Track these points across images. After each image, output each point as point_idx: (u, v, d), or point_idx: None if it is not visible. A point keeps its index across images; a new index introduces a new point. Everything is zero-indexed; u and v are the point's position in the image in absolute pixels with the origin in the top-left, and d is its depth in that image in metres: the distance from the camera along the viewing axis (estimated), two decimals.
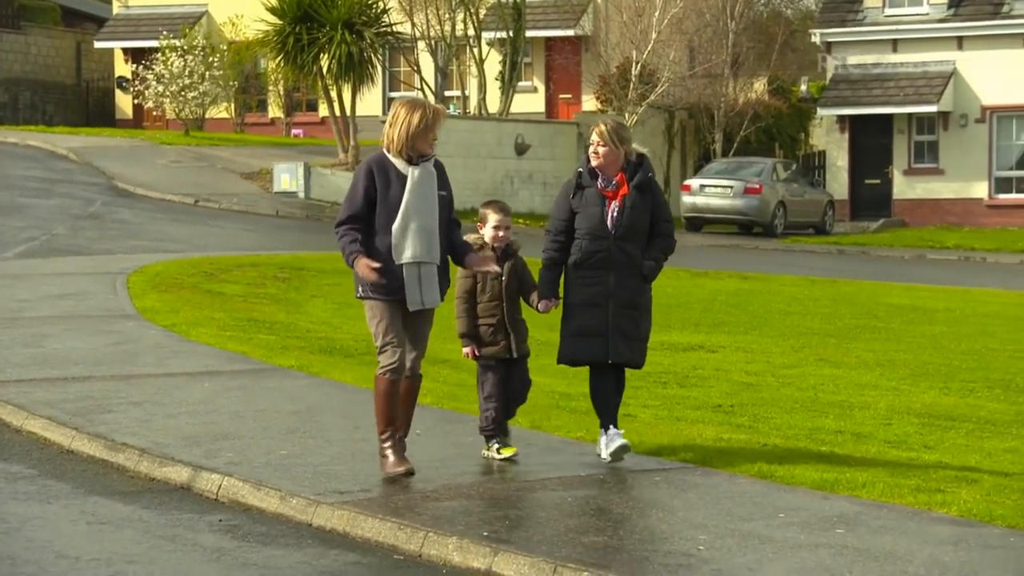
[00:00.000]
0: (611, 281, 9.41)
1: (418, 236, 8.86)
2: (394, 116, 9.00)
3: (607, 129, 9.50)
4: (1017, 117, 43.91)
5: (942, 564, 7.46)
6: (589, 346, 9.45)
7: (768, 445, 10.51)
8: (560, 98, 48.86)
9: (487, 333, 9.55)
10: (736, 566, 7.34)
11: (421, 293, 8.89)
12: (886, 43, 45.12)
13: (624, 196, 9.44)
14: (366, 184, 8.91)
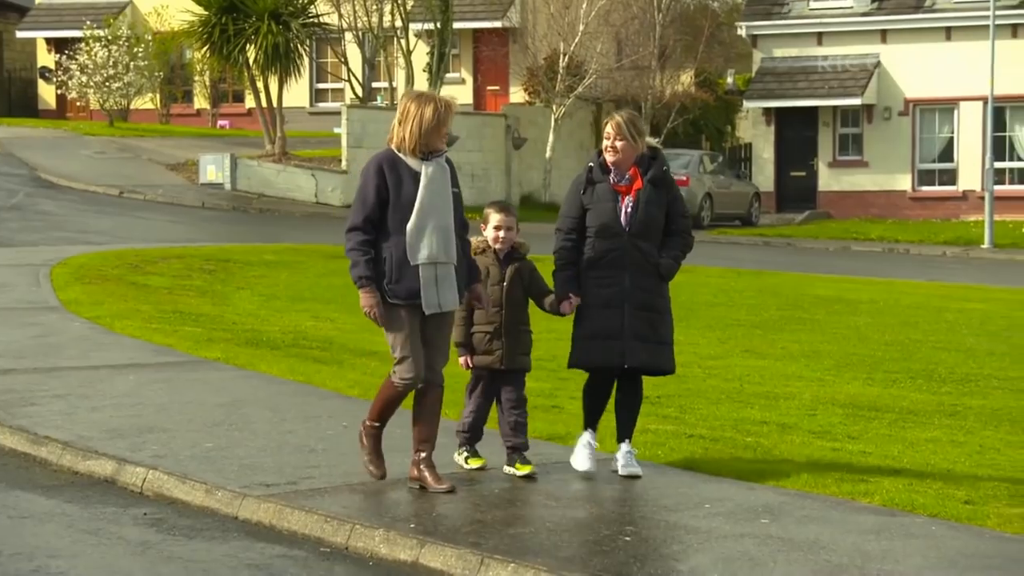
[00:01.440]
0: (626, 281, 8.89)
1: (434, 235, 8.36)
2: (404, 112, 8.48)
3: (624, 121, 8.98)
4: (940, 110, 44.35)
5: (865, 553, 7.53)
6: (603, 350, 8.90)
7: (694, 436, 10.56)
8: (488, 90, 48.86)
9: (481, 341, 8.94)
10: (662, 556, 7.37)
11: (438, 295, 8.40)
12: (811, 36, 45.43)
13: (638, 191, 8.93)
14: (378, 183, 8.41)
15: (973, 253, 37.10)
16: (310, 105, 49.72)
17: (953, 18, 43.80)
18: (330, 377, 12.38)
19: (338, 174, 37.85)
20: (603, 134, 9.10)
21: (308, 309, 17.35)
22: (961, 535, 7.97)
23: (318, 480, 8.68)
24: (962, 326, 20.03)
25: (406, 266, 8.34)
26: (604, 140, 9.05)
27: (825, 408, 12.59)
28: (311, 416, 10.68)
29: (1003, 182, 42.64)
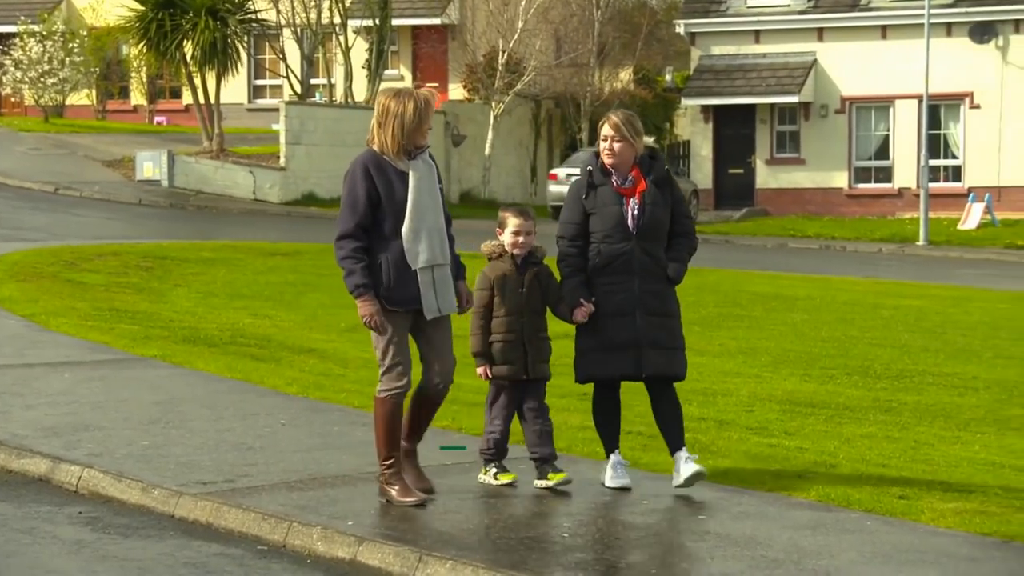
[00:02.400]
0: (636, 286, 8.57)
1: (430, 237, 8.08)
2: (383, 112, 8.12)
3: (621, 121, 8.64)
4: (875, 108, 44.68)
5: (801, 548, 7.57)
6: (619, 360, 8.55)
7: (632, 432, 10.58)
8: (427, 87, 48.75)
9: (501, 350, 8.55)
10: (599, 553, 7.39)
11: (437, 299, 8.10)
12: (749, 34, 45.66)
13: (643, 193, 8.61)
14: (367, 186, 8.04)
15: (908, 250, 37.41)
16: (248, 101, 49.49)
17: (889, 17, 44.14)
18: (268, 375, 12.34)
19: (276, 171, 37.71)
20: (600, 135, 8.77)
21: (246, 306, 17.28)
22: (895, 530, 8.04)
23: (256, 478, 8.64)
24: (897, 323, 20.20)
25: (404, 271, 8.05)
26: (601, 142, 8.73)
27: (762, 404, 12.66)
28: (249, 414, 10.64)
29: (938, 180, 43.02)
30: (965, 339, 18.70)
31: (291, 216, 35.49)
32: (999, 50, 43.44)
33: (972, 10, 43.44)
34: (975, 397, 13.94)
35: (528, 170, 46.90)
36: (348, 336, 15.20)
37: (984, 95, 43.46)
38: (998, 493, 9.14)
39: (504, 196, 44.64)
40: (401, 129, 8.08)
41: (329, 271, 21.72)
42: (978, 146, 43.41)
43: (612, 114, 8.79)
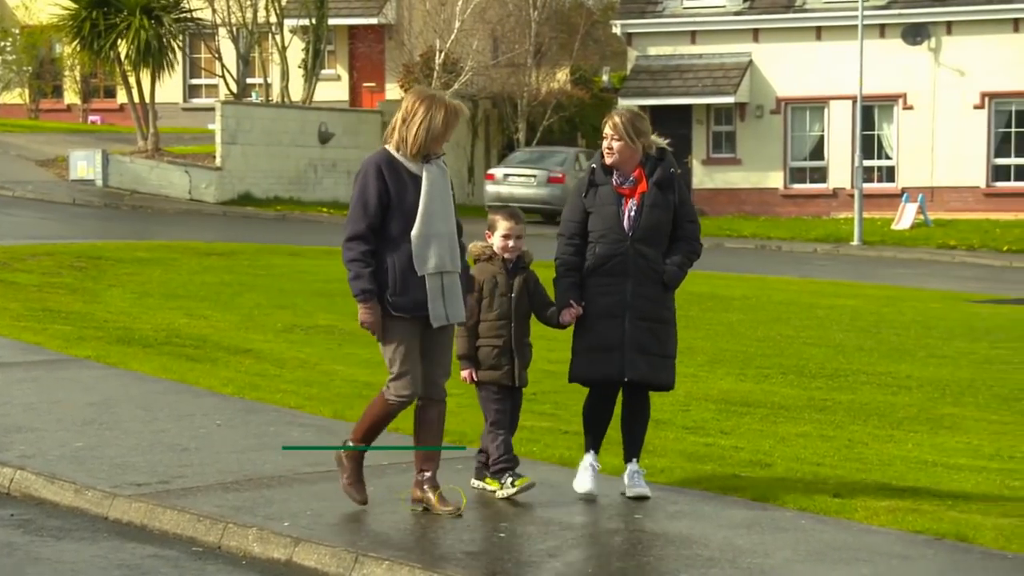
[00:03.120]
0: (628, 290, 8.41)
1: (440, 243, 7.86)
2: (411, 112, 7.88)
3: (621, 121, 8.46)
4: (810, 108, 44.95)
5: (736, 547, 7.62)
6: (602, 362, 8.41)
7: (569, 432, 10.61)
8: (364, 86, 48.70)
9: (489, 355, 8.41)
10: (536, 552, 7.40)
11: (445, 307, 7.88)
12: (685, 35, 45.84)
13: (643, 194, 8.44)
14: (379, 187, 7.82)
15: (843, 250, 37.67)
16: (184, 101, 49.22)
17: (823, 18, 44.44)
18: (204, 375, 12.27)
19: (212, 170, 37.52)
20: (601, 133, 8.60)
21: (182, 307, 17.18)
22: (829, 528, 8.10)
23: (191, 479, 8.60)
24: (832, 322, 20.34)
25: (411, 276, 7.81)
26: (603, 141, 8.56)
27: (698, 404, 12.72)
28: (184, 415, 10.58)
29: (872, 180, 43.34)
30: (898, 338, 18.86)
31: (227, 216, 35.32)
32: (932, 51, 43.83)
33: (905, 12, 43.80)
34: (908, 396, 14.06)
35: (465, 170, 46.90)
36: (284, 336, 15.15)
37: (917, 96, 43.83)
38: (930, 491, 9.23)
39: None
40: (426, 133, 7.86)
41: (265, 271, 21.66)
42: (911, 147, 43.77)
43: (615, 113, 8.57)
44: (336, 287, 20.08)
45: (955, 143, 43.46)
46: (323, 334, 15.47)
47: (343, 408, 10.93)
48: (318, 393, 11.67)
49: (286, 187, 39.26)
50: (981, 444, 11.65)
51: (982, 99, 43.36)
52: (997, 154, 43.77)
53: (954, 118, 43.51)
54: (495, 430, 8.46)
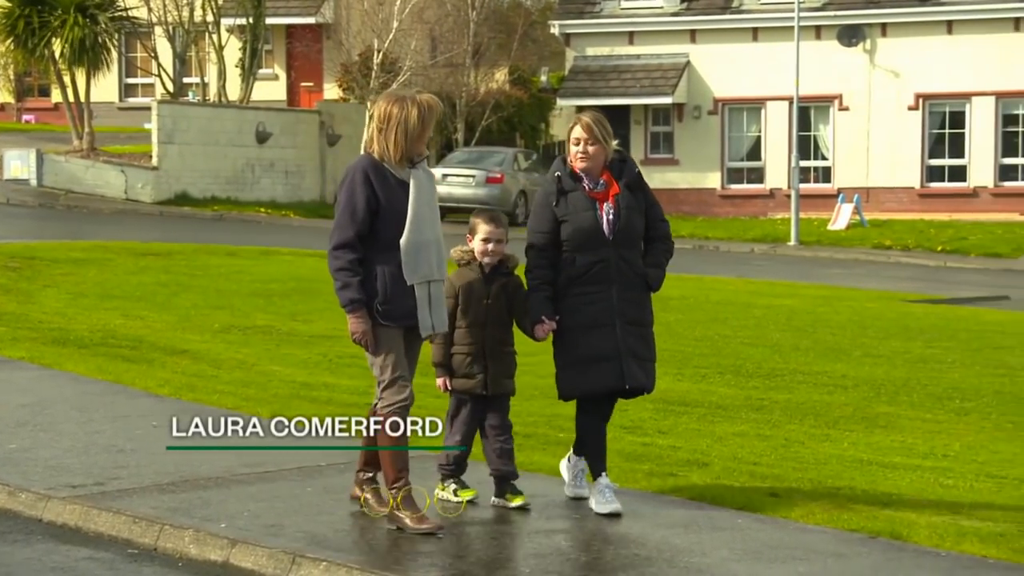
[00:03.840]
0: (614, 295, 8.18)
1: (429, 251, 7.66)
2: (385, 117, 7.69)
3: (593, 122, 8.25)
4: (747, 109, 45.19)
5: (673, 546, 7.65)
6: (601, 373, 8.16)
7: (518, 434, 10.60)
8: (302, 86, 48.54)
9: (462, 363, 8.18)
10: (476, 553, 7.40)
11: (431, 316, 7.70)
12: (623, 35, 45.97)
13: (617, 196, 8.23)
14: (367, 193, 7.59)
15: (780, 250, 37.89)
16: (120, 100, 48.87)
17: (760, 19, 44.68)
18: (140, 376, 12.19)
19: (149, 170, 37.27)
20: (569, 138, 8.33)
21: (118, 307, 17.05)
22: (766, 527, 8.14)
23: (126, 481, 8.54)
24: (769, 322, 20.45)
25: (400, 285, 7.62)
26: (572, 146, 8.29)
27: (636, 403, 12.67)
28: (120, 416, 10.51)
29: (808, 180, 43.61)
30: (835, 338, 18.98)
31: (164, 216, 35.10)
32: (867, 53, 44.17)
33: (840, 13, 44.11)
34: (844, 395, 14.15)
35: None
36: (222, 337, 15.07)
37: (853, 97, 44.16)
38: (865, 490, 9.30)
39: None
40: (404, 136, 7.64)
41: (203, 272, 21.54)
42: (847, 148, 44.09)
43: (583, 116, 8.35)
44: (274, 287, 20.00)
45: (890, 144, 43.82)
46: (261, 335, 15.40)
47: (281, 409, 10.87)
48: (256, 394, 11.62)
49: (223, 187, 39.05)
50: (915, 443, 11.75)
51: (916, 100, 43.73)
52: (931, 155, 44.16)
53: (889, 119, 43.86)
54: (454, 439, 8.27)
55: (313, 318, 16.96)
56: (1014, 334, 20.71)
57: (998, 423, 13.04)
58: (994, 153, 43.56)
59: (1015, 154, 43.64)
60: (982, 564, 7.61)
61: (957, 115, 43.84)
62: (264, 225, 35.35)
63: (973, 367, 16.74)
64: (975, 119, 43.59)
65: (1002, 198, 43.40)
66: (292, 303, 18.36)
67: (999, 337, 20.04)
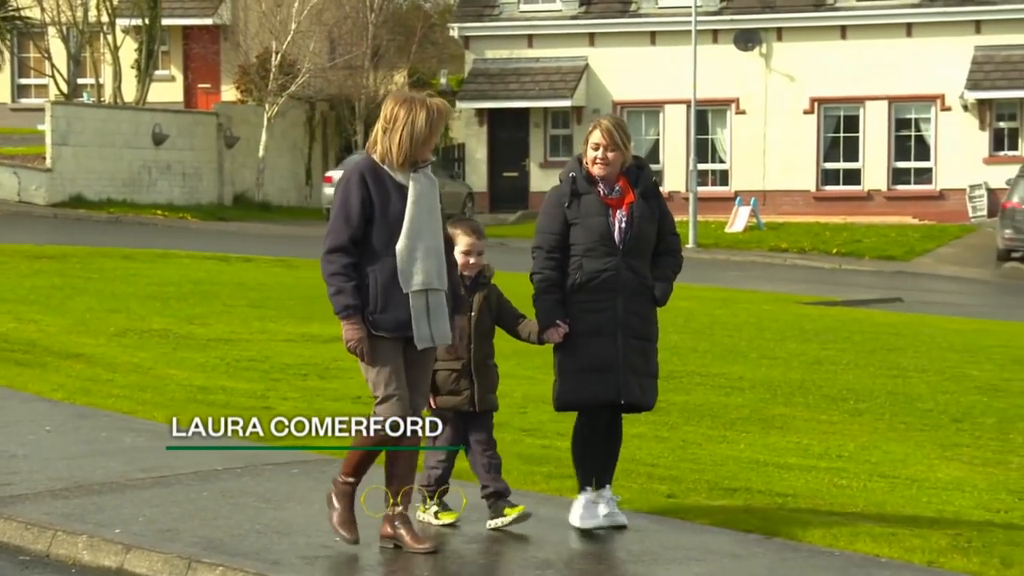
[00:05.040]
0: (619, 305, 7.92)
1: (427, 258, 7.33)
2: (391, 118, 7.36)
3: (614, 127, 7.99)
4: (646, 112, 45.47)
5: (571, 549, 7.67)
6: (598, 384, 7.90)
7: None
8: (199, 88, 48.16)
9: (447, 379, 7.85)
10: (371, 556, 7.37)
11: (430, 327, 7.33)
12: (522, 38, 46.08)
13: (631, 204, 7.98)
14: (362, 196, 7.29)
15: None
16: (12, 101, 48.23)
17: (657, 23, 44.99)
18: (32, 380, 12.03)
19: (42, 172, 36.80)
20: (588, 143, 8.06)
21: (10, 311, 16.81)
22: (664, 528, 8.19)
23: (18, 486, 8.42)
24: (667, 323, 20.41)
25: (394, 293, 7.28)
26: (590, 150, 8.02)
27: (535, 406, 12.77)
28: (11, 421, 10.36)
29: (706, 183, 43.98)
30: (732, 340, 19.14)
31: (58, 218, 34.67)
32: (763, 57, 44.61)
33: (737, 18, 44.53)
34: (740, 397, 14.27)
35: (303, 172, 46.61)
36: (117, 341, 14.91)
37: (749, 101, 44.58)
38: (761, 491, 9.38)
39: (278, 199, 44.32)
40: (410, 139, 7.32)
41: (98, 275, 21.30)
42: (744, 151, 44.51)
43: (603, 119, 8.07)
44: (171, 290, 19.83)
45: (786, 147, 44.29)
46: (157, 338, 15.26)
47: (177, 412, 10.76)
48: (152, 398, 11.51)
49: (119, 189, 38.66)
50: (810, 443, 11.88)
51: (811, 104, 44.25)
52: (826, 159, 44.70)
53: (785, 123, 44.33)
54: (436, 459, 7.94)
55: (211, 321, 16.83)
56: (907, 335, 21.00)
57: (891, 424, 13.22)
58: (887, 157, 44.18)
59: (907, 158, 44.29)
60: (874, 563, 7.71)
61: (851, 119, 44.42)
62: (161, 228, 35.03)
63: (867, 368, 16.95)
64: (869, 123, 44.19)
65: (895, 201, 44.03)
66: (189, 306, 18.21)
67: (892, 339, 20.31)
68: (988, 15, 43.33)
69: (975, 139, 43.53)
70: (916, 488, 10.09)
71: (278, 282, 22.96)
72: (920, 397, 14.88)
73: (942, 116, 43.73)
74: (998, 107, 43.62)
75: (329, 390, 12.98)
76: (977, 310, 28.23)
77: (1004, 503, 9.77)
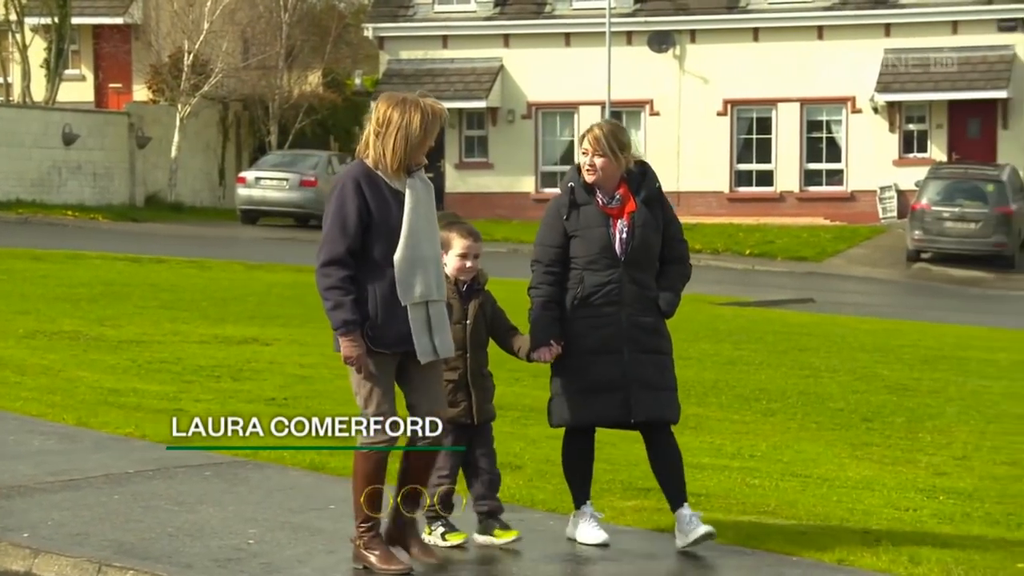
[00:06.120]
0: (623, 320, 7.66)
1: (427, 268, 7.03)
2: (383, 121, 7.05)
3: (603, 134, 7.71)
4: (561, 114, 45.59)
5: (485, 551, 7.67)
6: (605, 404, 7.64)
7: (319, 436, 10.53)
8: (110, 87, 47.72)
9: (444, 391, 7.51)
10: (286, 559, 7.34)
11: (432, 339, 7.05)
12: (436, 39, 46.06)
13: (632, 213, 7.70)
14: (359, 204, 6.96)
15: None
16: None
17: (572, 24, 45.13)
18: None
19: None
20: (579, 148, 7.86)
21: None
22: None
23: None
24: None
25: (393, 306, 6.99)
26: (581, 156, 7.80)
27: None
28: None
29: None
30: None
31: None
32: (676, 59, 44.87)
33: (651, 19, 44.75)
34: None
35: (216, 173, 46.31)
36: (26, 343, 14.73)
37: (663, 102, 44.82)
38: None
39: (191, 199, 44.02)
40: (404, 143, 7.02)
41: (6, 276, 21.04)
42: (659, 152, 44.71)
43: (595, 126, 7.83)
44: (82, 291, 19.63)
45: (700, 149, 44.57)
46: (67, 340, 15.09)
47: (87, 416, 10.69)
48: (61, 400, 11.38)
49: (28, 189, 38.22)
50: (723, 443, 11.95)
51: (725, 106, 44.56)
52: (739, 160, 45.03)
53: (699, 124, 44.61)
54: (438, 475, 7.58)
55: (122, 323, 16.67)
56: (819, 336, 21.20)
57: (803, 423, 13.33)
58: (799, 159, 44.57)
59: (819, 160, 44.70)
60: (786, 562, 7.78)
61: (764, 121, 44.77)
62: (71, 228, 34.66)
63: (779, 368, 17.08)
64: (781, 125, 44.55)
65: (807, 203, 44.42)
66: (100, 308, 18.03)
67: (804, 339, 20.49)
68: (898, 18, 43.83)
69: (885, 141, 44.03)
70: (827, 487, 10.19)
71: (191, 283, 22.79)
72: (831, 397, 15.03)
73: (853, 118, 44.19)
74: (907, 109, 44.14)
75: (243, 392, 12.89)
76: (887, 310, 28.57)
77: (913, 501, 9.88)
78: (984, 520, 9.41)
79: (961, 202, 37.76)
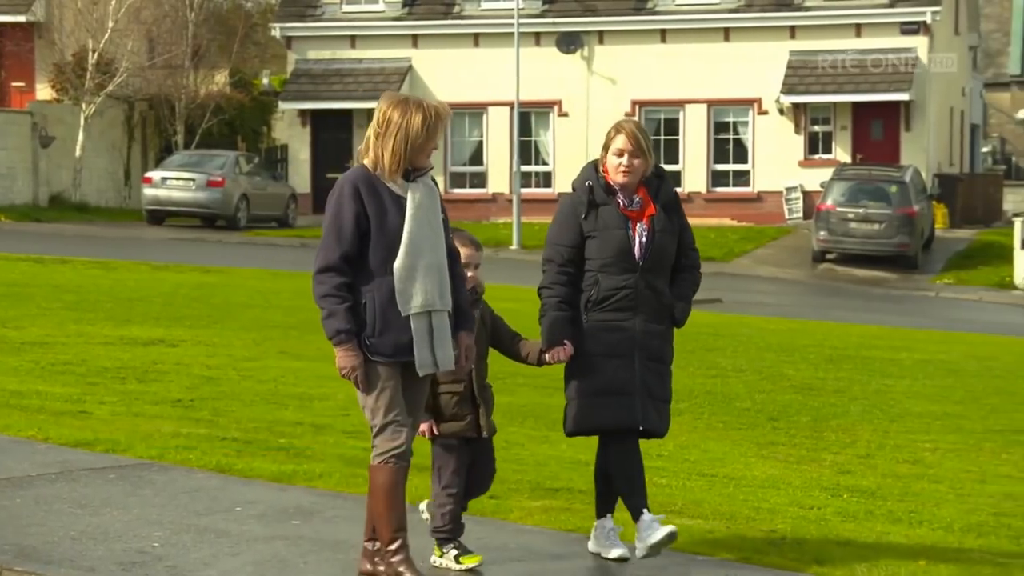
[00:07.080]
0: (636, 325, 7.46)
1: (428, 277, 6.78)
2: (384, 122, 6.86)
3: (639, 132, 7.52)
4: (469, 114, 45.58)
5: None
6: (615, 409, 7.46)
7: (227, 439, 10.49)
8: (13, 86, 47.10)
9: (449, 404, 7.32)
10: (191, 562, 7.28)
11: (432, 352, 6.80)
12: (345, 39, 45.92)
13: (651, 217, 7.49)
14: (356, 210, 6.73)
15: (503, 254, 38.34)
16: None
17: (480, 25, 45.16)
18: None
19: None
20: (609, 148, 7.61)
21: None
22: (484, 529, 8.20)
23: None
24: None
25: (392, 315, 6.75)
26: (613, 156, 7.56)
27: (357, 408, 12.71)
28: None
29: (529, 185, 44.23)
30: None
31: None
32: (584, 60, 45.03)
33: (559, 20, 44.89)
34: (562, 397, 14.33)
35: (122, 173, 45.87)
36: None
37: (572, 103, 44.96)
38: (582, 491, 9.45)
39: (96, 199, 43.57)
40: (404, 145, 6.79)
41: None
42: (567, 153, 44.86)
43: (625, 124, 7.62)
44: None
45: None
46: None
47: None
48: None
49: None
50: None
51: (633, 107, 44.77)
52: None
53: (607, 125, 43.68)
54: (446, 494, 7.43)
55: (24, 324, 16.48)
56: (726, 336, 21.36)
57: (710, 423, 13.42)
58: (707, 160, 44.88)
59: (726, 161, 45.04)
60: (692, 560, 7.83)
61: (671, 122, 45.04)
62: None
63: (687, 368, 17.17)
64: (688, 126, 44.84)
65: (714, 203, 44.74)
66: (2, 309, 17.81)
67: (712, 339, 20.63)
68: (802, 21, 44.25)
69: (791, 142, 44.44)
70: (733, 486, 10.27)
71: (95, 284, 22.56)
72: (738, 396, 15.15)
73: (759, 120, 44.58)
74: (812, 111, 44.58)
75: (148, 393, 12.79)
76: (793, 310, 28.84)
77: (818, 500, 9.99)
78: (887, 518, 9.53)
79: (865, 203, 38.19)
